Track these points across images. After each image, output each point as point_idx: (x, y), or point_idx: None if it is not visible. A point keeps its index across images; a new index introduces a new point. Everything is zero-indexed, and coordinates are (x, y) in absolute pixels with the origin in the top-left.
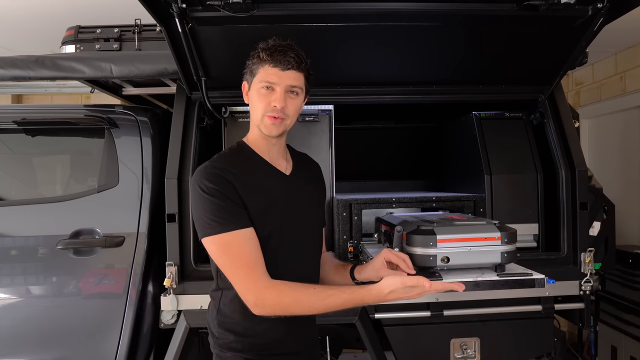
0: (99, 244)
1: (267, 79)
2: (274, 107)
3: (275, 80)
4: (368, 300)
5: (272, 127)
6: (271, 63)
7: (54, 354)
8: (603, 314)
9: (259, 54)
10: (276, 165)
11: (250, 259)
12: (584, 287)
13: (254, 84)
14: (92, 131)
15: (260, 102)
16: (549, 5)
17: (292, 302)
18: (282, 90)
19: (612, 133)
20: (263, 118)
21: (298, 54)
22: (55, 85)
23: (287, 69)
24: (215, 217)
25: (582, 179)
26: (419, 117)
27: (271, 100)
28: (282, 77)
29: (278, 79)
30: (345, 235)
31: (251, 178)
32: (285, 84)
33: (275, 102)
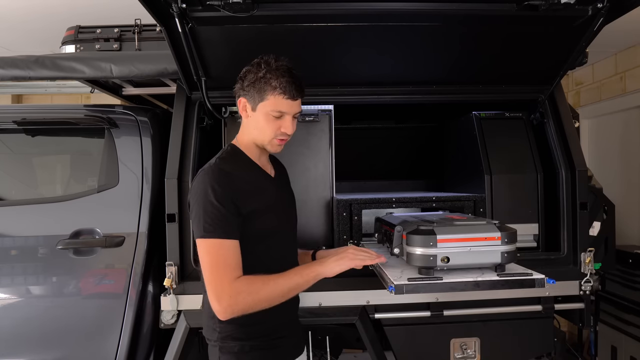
0: (99, 244)
1: (279, 109)
2: (284, 132)
3: (287, 110)
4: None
5: (279, 148)
6: (285, 95)
7: (54, 354)
8: (603, 314)
9: (270, 80)
10: (265, 168)
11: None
12: (584, 287)
13: (263, 108)
14: (92, 131)
15: (270, 127)
16: (549, 5)
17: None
18: (292, 118)
19: (612, 133)
20: (272, 140)
21: (302, 82)
22: (55, 85)
23: (296, 100)
24: (213, 222)
25: (582, 179)
26: (419, 117)
27: (281, 126)
28: (293, 106)
29: (289, 109)
30: (345, 235)
31: (251, 181)
32: (294, 112)
33: (286, 129)
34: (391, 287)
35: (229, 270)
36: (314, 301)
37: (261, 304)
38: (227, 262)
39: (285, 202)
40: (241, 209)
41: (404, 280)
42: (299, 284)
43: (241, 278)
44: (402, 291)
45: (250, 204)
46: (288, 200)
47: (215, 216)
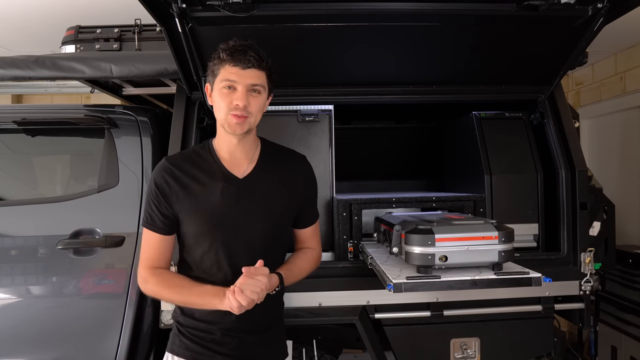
0: (99, 244)
1: (227, 78)
2: (236, 105)
3: (236, 79)
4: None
5: (237, 126)
6: (231, 62)
7: (54, 354)
8: (603, 314)
9: (219, 54)
10: (234, 166)
11: (154, 256)
12: (584, 287)
13: (216, 85)
14: (92, 131)
15: (223, 102)
16: (549, 5)
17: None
18: (243, 89)
19: (612, 133)
20: (227, 117)
21: (258, 53)
22: (55, 85)
23: (247, 68)
24: (148, 213)
25: (582, 179)
26: (419, 117)
27: (233, 99)
28: (243, 75)
29: (239, 78)
30: (345, 235)
31: (191, 183)
32: (246, 82)
33: (237, 100)
34: (390, 286)
35: (146, 257)
36: (314, 301)
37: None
38: (146, 250)
39: (241, 209)
40: (172, 208)
41: (403, 278)
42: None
43: (157, 270)
44: (400, 289)
45: (178, 205)
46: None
47: (148, 208)
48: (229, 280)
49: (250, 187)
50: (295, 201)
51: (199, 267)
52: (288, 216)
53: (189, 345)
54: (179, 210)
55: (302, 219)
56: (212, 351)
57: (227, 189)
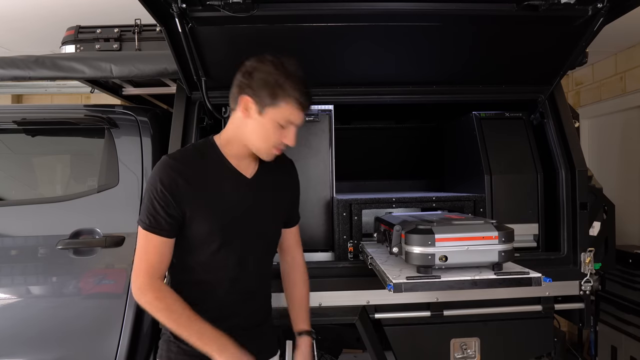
0: (99, 244)
1: (290, 119)
2: (284, 144)
3: (296, 122)
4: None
5: (272, 157)
6: (300, 107)
7: (54, 354)
8: (603, 314)
9: (288, 90)
10: (241, 166)
11: (154, 260)
12: (584, 287)
13: (273, 114)
14: (92, 131)
15: (275, 136)
16: (549, 5)
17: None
18: (296, 130)
19: (612, 133)
20: (269, 149)
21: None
22: (55, 85)
23: (306, 112)
24: (151, 215)
25: (582, 179)
26: (419, 117)
27: (283, 137)
28: (302, 117)
29: (298, 121)
30: (345, 235)
31: (202, 182)
32: (300, 124)
33: (289, 140)
34: (390, 286)
35: (146, 263)
36: (314, 301)
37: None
38: (148, 256)
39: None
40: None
41: (403, 278)
42: (193, 342)
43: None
44: (400, 289)
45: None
46: (262, 205)
47: (151, 209)
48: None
49: (259, 187)
50: (290, 202)
51: (204, 268)
52: (284, 215)
53: (188, 350)
54: (187, 209)
55: (288, 218)
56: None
57: (238, 187)
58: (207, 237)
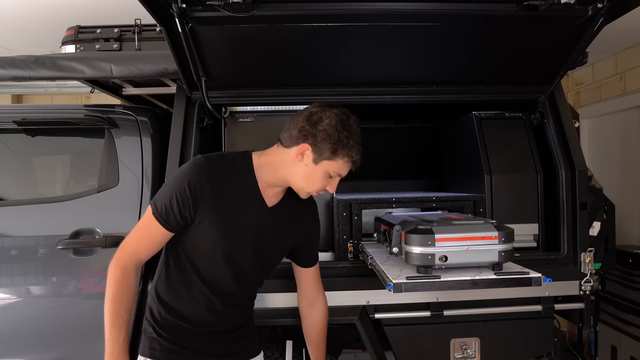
0: (99, 244)
1: (341, 173)
2: (324, 190)
3: (343, 175)
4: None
5: (307, 196)
6: (353, 164)
7: (54, 354)
8: (603, 314)
9: (349, 150)
10: (266, 193)
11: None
12: (584, 287)
13: (327, 166)
14: (92, 131)
15: (321, 184)
16: (549, 5)
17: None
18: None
19: (612, 133)
20: (310, 192)
21: None
22: (55, 85)
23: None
24: (166, 206)
25: (582, 179)
26: (419, 117)
27: (327, 185)
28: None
29: (345, 173)
30: (345, 235)
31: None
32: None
33: (331, 189)
34: (390, 286)
35: (137, 243)
36: None
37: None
38: (142, 238)
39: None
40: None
41: (403, 278)
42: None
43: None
44: (400, 289)
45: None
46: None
47: (168, 202)
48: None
49: (274, 217)
50: (297, 240)
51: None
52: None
53: (172, 348)
54: (201, 216)
55: (304, 257)
56: (196, 352)
57: (255, 211)
58: (211, 247)
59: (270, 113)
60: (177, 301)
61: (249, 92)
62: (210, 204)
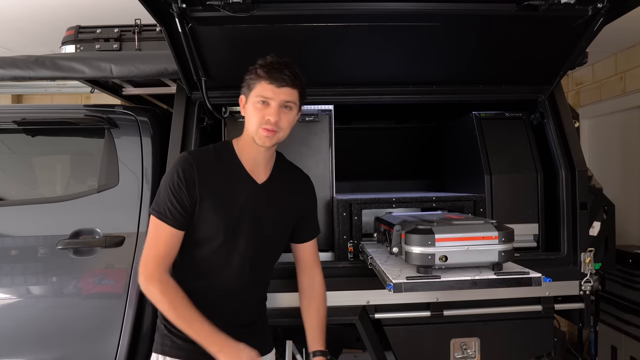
0: (99, 244)
1: (262, 94)
2: (267, 120)
3: (270, 96)
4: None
5: (266, 139)
6: (268, 80)
7: (54, 354)
8: (603, 314)
9: (257, 70)
10: (254, 172)
11: (163, 251)
12: (584, 287)
13: (251, 98)
14: (92, 131)
15: (256, 115)
16: (549, 5)
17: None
18: (276, 105)
19: (612, 133)
20: (258, 130)
21: (294, 72)
22: (55, 85)
23: (282, 86)
24: (165, 205)
25: (582, 179)
26: (419, 117)
27: (266, 113)
28: (277, 93)
29: (273, 95)
30: (345, 235)
31: (216, 180)
32: (279, 99)
33: (269, 116)
34: (390, 286)
35: (155, 252)
36: None
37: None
38: (158, 243)
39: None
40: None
41: (403, 278)
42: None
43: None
44: (400, 289)
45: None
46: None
47: (166, 199)
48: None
49: (267, 193)
50: (296, 215)
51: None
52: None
53: (182, 345)
54: (199, 203)
55: (301, 233)
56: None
57: (248, 191)
58: (212, 234)
59: None
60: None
61: None
62: (203, 190)
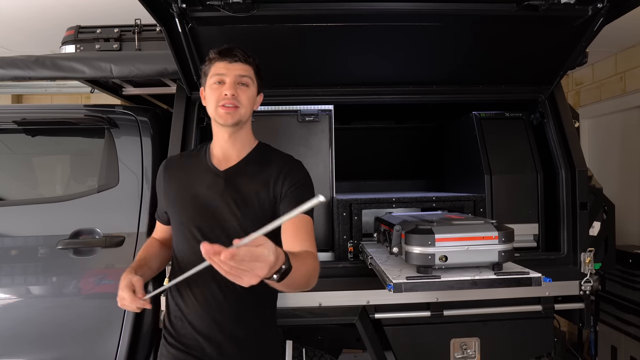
0: (99, 244)
1: (217, 73)
2: (224, 95)
3: (224, 72)
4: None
5: (227, 116)
6: (219, 59)
7: (54, 354)
8: (603, 314)
9: (209, 56)
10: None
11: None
12: (584, 287)
13: (207, 83)
14: (92, 131)
15: (213, 95)
16: (549, 5)
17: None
18: (231, 80)
19: (612, 133)
20: (217, 109)
21: (245, 51)
22: (55, 85)
23: (234, 61)
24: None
25: (582, 179)
26: (419, 117)
27: (222, 90)
28: (231, 68)
29: (227, 71)
30: (345, 235)
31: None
32: (234, 74)
33: (225, 90)
34: (390, 286)
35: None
36: (314, 301)
37: None
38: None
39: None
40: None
41: (403, 278)
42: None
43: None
44: (400, 289)
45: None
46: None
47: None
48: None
49: (230, 181)
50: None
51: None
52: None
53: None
54: (166, 202)
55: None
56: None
57: (208, 180)
58: (176, 226)
59: (270, 113)
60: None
61: None
62: (168, 189)
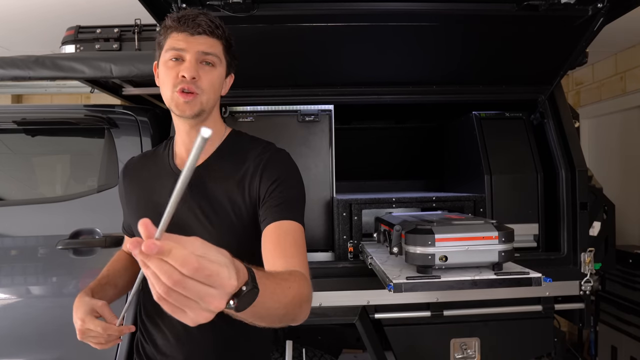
0: (99, 244)
1: (173, 47)
2: (182, 77)
3: (183, 46)
4: None
5: (185, 106)
6: (178, 29)
7: (54, 354)
8: (603, 314)
9: (165, 22)
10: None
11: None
12: (584, 287)
13: (162, 58)
14: (92, 131)
15: (168, 76)
16: (549, 5)
17: None
18: (192, 57)
19: (612, 133)
20: (173, 95)
21: (212, 19)
22: (55, 85)
23: (197, 34)
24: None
25: (582, 179)
26: (419, 117)
27: (179, 70)
28: (192, 42)
29: (186, 45)
30: (345, 235)
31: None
32: (195, 50)
33: (183, 71)
34: (390, 286)
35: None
36: (314, 301)
37: None
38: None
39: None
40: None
41: (403, 278)
42: None
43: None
44: (400, 289)
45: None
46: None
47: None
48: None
49: (196, 186)
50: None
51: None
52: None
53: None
54: (128, 211)
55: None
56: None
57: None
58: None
59: (270, 113)
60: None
61: (249, 92)
62: (127, 196)
